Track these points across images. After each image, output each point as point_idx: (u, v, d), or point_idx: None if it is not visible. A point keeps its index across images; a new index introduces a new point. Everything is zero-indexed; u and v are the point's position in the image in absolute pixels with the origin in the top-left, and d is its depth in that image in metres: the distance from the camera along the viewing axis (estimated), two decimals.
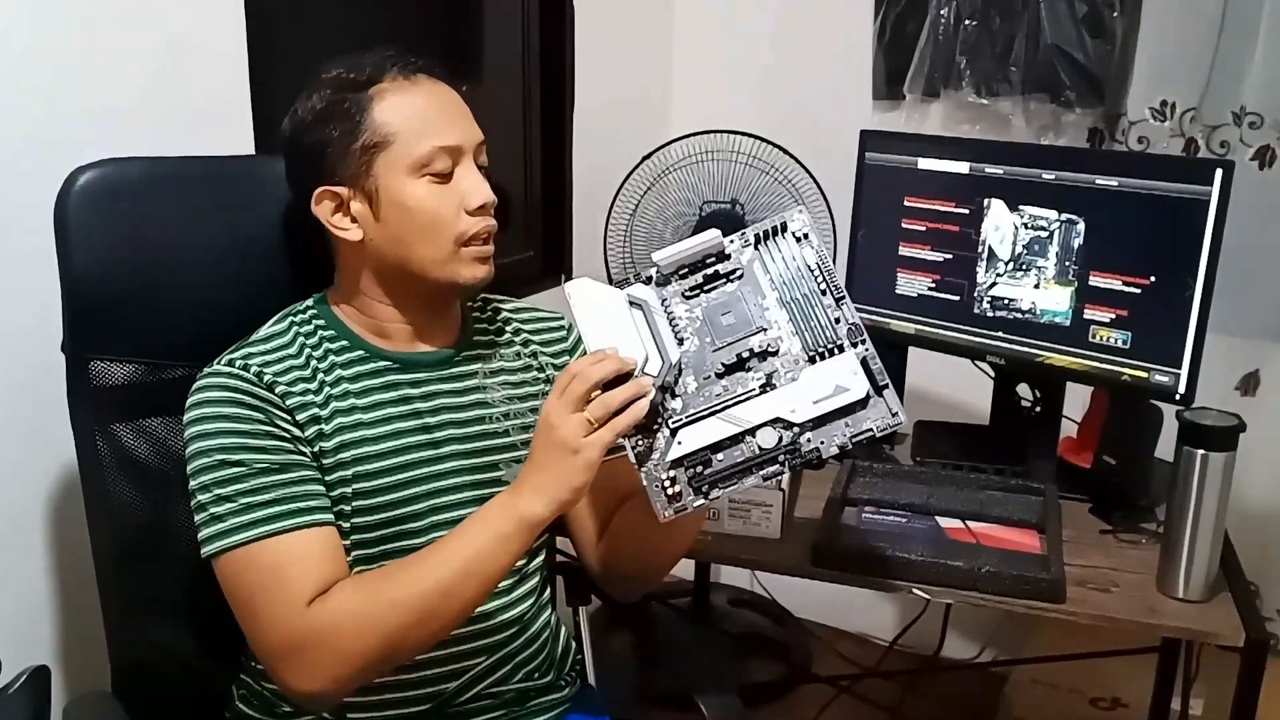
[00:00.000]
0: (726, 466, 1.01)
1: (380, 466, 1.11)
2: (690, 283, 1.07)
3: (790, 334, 1.04)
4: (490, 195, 1.12)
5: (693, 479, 1.01)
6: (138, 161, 1.19)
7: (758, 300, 1.06)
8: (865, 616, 2.43)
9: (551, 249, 2.28)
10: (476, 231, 1.11)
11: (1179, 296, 1.48)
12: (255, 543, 1.02)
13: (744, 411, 1.02)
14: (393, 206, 1.10)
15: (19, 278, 1.20)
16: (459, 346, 1.20)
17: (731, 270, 1.07)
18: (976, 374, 1.77)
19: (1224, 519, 1.32)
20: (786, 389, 1.02)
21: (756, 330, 1.05)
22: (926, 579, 1.35)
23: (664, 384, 1.02)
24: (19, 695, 0.93)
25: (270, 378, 1.07)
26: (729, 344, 1.04)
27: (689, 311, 1.07)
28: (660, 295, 1.07)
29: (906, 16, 2.11)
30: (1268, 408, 1.92)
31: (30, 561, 1.27)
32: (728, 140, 2.00)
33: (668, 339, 1.05)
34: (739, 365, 1.04)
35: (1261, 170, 1.86)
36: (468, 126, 1.13)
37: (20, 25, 1.18)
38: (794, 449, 1.01)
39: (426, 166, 1.09)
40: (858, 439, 1.00)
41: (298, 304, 1.18)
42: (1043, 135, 2.03)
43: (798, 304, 1.05)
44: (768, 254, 1.07)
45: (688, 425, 1.02)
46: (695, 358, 1.05)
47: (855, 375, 1.01)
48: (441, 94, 1.13)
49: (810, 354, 1.03)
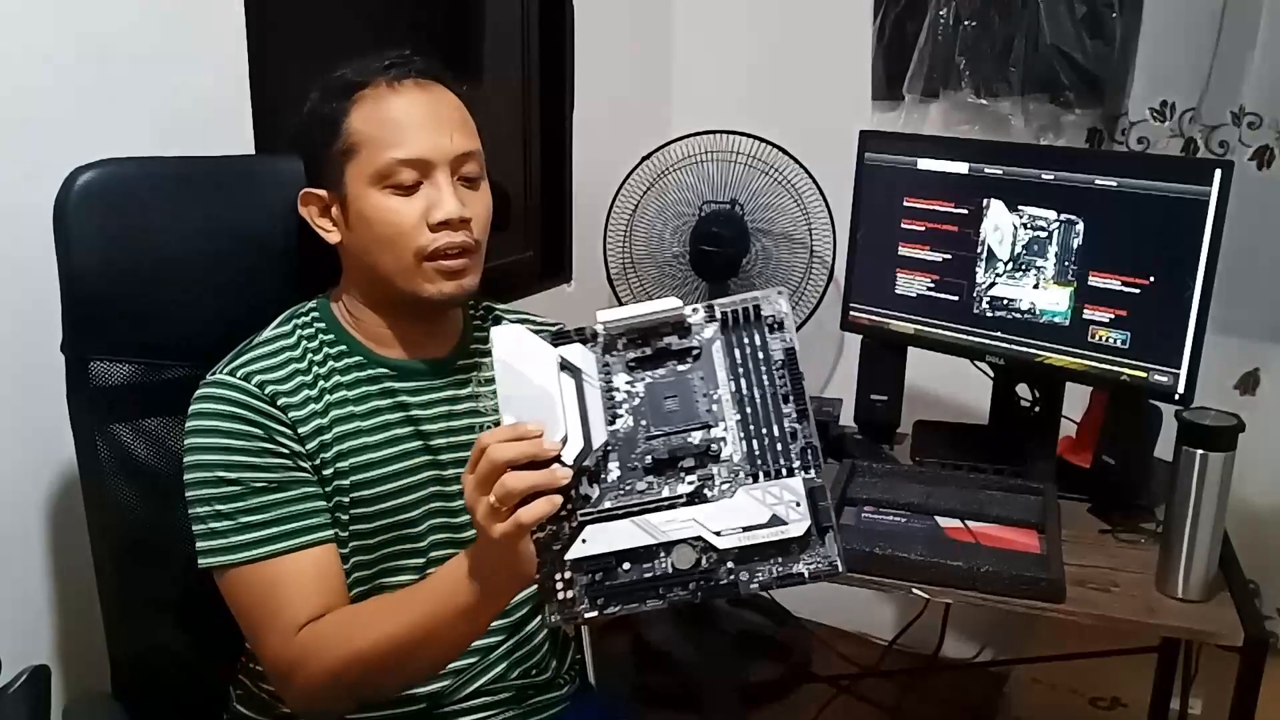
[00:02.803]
0: (631, 582, 0.87)
1: (378, 475, 1.11)
2: (638, 353, 0.93)
3: (738, 438, 0.90)
4: (455, 211, 1.07)
5: (590, 587, 0.87)
6: (137, 161, 1.19)
7: (710, 390, 0.92)
8: (865, 616, 2.43)
9: (551, 249, 2.28)
10: (438, 247, 1.08)
11: (1178, 296, 1.48)
12: (250, 564, 1.04)
13: (664, 521, 0.88)
14: (358, 216, 1.10)
15: (19, 278, 1.20)
16: (457, 354, 1.19)
17: (688, 348, 0.93)
18: (976, 374, 1.77)
19: (1223, 519, 1.32)
20: (717, 505, 0.88)
21: (701, 425, 0.91)
22: (926, 579, 1.35)
23: (582, 467, 0.89)
24: (19, 695, 0.93)
25: (273, 389, 1.07)
26: (666, 434, 0.90)
27: (630, 385, 0.92)
28: (600, 361, 0.93)
29: (906, 17, 2.11)
30: (1267, 407, 1.92)
31: (30, 561, 1.27)
32: (728, 140, 2.00)
33: (596, 416, 0.91)
34: (671, 463, 0.89)
35: (1260, 170, 1.86)
36: (440, 139, 1.08)
37: (20, 25, 1.18)
38: (710, 578, 0.87)
39: (387, 178, 1.07)
40: (785, 582, 0.87)
41: (301, 305, 1.17)
42: (1042, 135, 2.03)
43: (754, 406, 0.91)
44: (733, 337, 0.93)
45: (598, 522, 0.88)
46: (625, 440, 0.91)
47: (798, 508, 0.87)
48: (424, 103, 1.09)
49: (754, 470, 0.89)
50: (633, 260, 2.08)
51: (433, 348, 1.18)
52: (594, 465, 0.89)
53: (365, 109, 1.09)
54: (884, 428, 1.80)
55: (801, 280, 2.01)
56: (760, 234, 1.99)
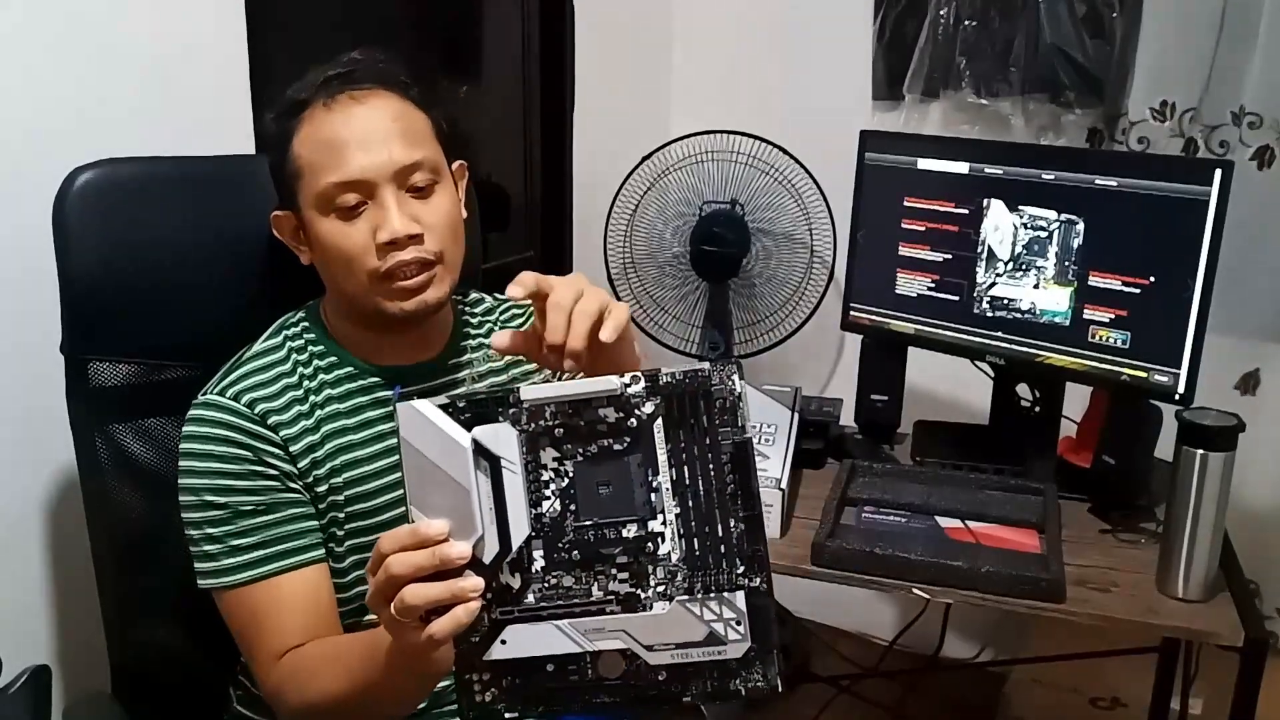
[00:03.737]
0: (555, 688, 0.81)
1: (373, 487, 1.11)
2: (569, 430, 0.81)
3: (677, 534, 0.81)
4: (400, 229, 1.03)
5: (510, 691, 0.81)
6: (137, 161, 1.19)
7: (649, 478, 0.81)
8: (865, 616, 2.42)
9: (551, 249, 2.27)
10: (390, 268, 1.04)
11: (1178, 296, 1.48)
12: (240, 587, 1.04)
13: (592, 627, 0.80)
14: (314, 239, 1.08)
15: (18, 278, 1.20)
16: (448, 354, 1.19)
17: (625, 427, 0.81)
18: (976, 374, 1.77)
19: (1223, 519, 1.32)
20: (650, 616, 0.80)
21: (636, 518, 0.81)
22: (926, 579, 1.35)
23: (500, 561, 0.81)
24: (19, 695, 0.93)
25: (264, 408, 1.06)
26: (596, 524, 0.81)
27: (558, 465, 0.81)
28: (524, 438, 0.81)
29: (906, 17, 2.11)
30: (1267, 408, 1.92)
31: (30, 561, 1.27)
32: (728, 140, 2.00)
33: (517, 509, 0.80)
34: (602, 559, 0.81)
35: (1261, 170, 1.86)
36: (375, 156, 1.03)
37: (20, 25, 1.18)
38: (638, 689, 0.81)
39: (330, 202, 1.04)
40: (718, 697, 0.81)
41: (290, 315, 1.16)
42: (1042, 135, 2.03)
43: (698, 499, 0.81)
44: (678, 414, 0.81)
45: (519, 622, 0.80)
46: (552, 526, 0.81)
47: (738, 626, 0.80)
48: (358, 118, 1.04)
49: (693, 577, 0.81)
50: (633, 260, 2.08)
51: (422, 351, 1.16)
52: (516, 557, 0.81)
53: (305, 130, 1.06)
54: (884, 428, 1.80)
55: (801, 280, 2.01)
56: (761, 234, 1.99)
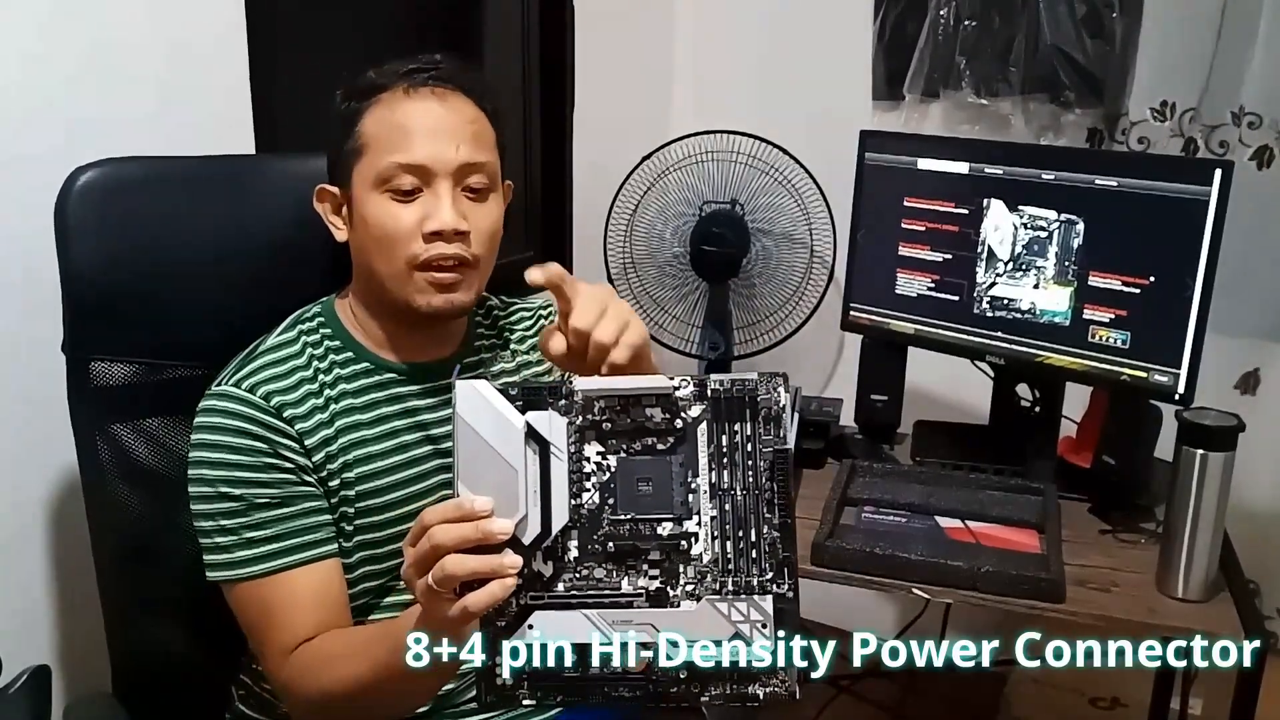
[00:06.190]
0: (576, 678, 0.83)
1: (385, 484, 1.11)
2: (616, 425, 0.84)
3: (711, 536, 0.83)
4: (450, 222, 1.06)
5: (531, 676, 0.83)
6: (138, 161, 1.19)
7: (688, 479, 0.84)
8: (865, 616, 2.42)
9: (552, 249, 2.28)
10: (429, 258, 1.07)
11: (1178, 296, 1.48)
12: (252, 580, 1.04)
13: (619, 619, 0.83)
14: (360, 216, 1.10)
15: (19, 278, 1.20)
16: (462, 353, 1.19)
17: (671, 428, 0.84)
18: (976, 374, 1.77)
19: (1223, 519, 1.32)
20: (679, 613, 0.82)
21: (673, 516, 0.83)
22: (926, 579, 1.36)
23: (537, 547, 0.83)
24: (20, 695, 0.93)
25: (279, 401, 1.07)
26: (633, 520, 0.83)
27: (601, 457, 0.84)
28: (573, 428, 0.84)
29: (906, 17, 2.11)
30: (1267, 407, 1.92)
31: (30, 561, 1.27)
32: (728, 140, 2.00)
33: (560, 496, 0.83)
34: (635, 553, 0.83)
35: (1260, 170, 1.86)
36: (444, 148, 1.07)
37: (20, 26, 1.18)
38: (660, 685, 0.82)
39: (387, 182, 1.07)
40: (738, 700, 0.83)
41: (305, 309, 1.17)
42: (1042, 135, 2.03)
43: (734, 503, 0.83)
44: (723, 421, 0.84)
45: (549, 609, 0.82)
46: (589, 518, 0.83)
47: (764, 630, 0.82)
48: (436, 111, 1.08)
49: (723, 578, 0.83)
50: (633, 260, 2.08)
51: (437, 349, 1.17)
52: (551, 543, 0.83)
53: (378, 112, 1.09)
54: (884, 428, 1.80)
55: (801, 280, 2.01)
56: (761, 234, 2.00)
